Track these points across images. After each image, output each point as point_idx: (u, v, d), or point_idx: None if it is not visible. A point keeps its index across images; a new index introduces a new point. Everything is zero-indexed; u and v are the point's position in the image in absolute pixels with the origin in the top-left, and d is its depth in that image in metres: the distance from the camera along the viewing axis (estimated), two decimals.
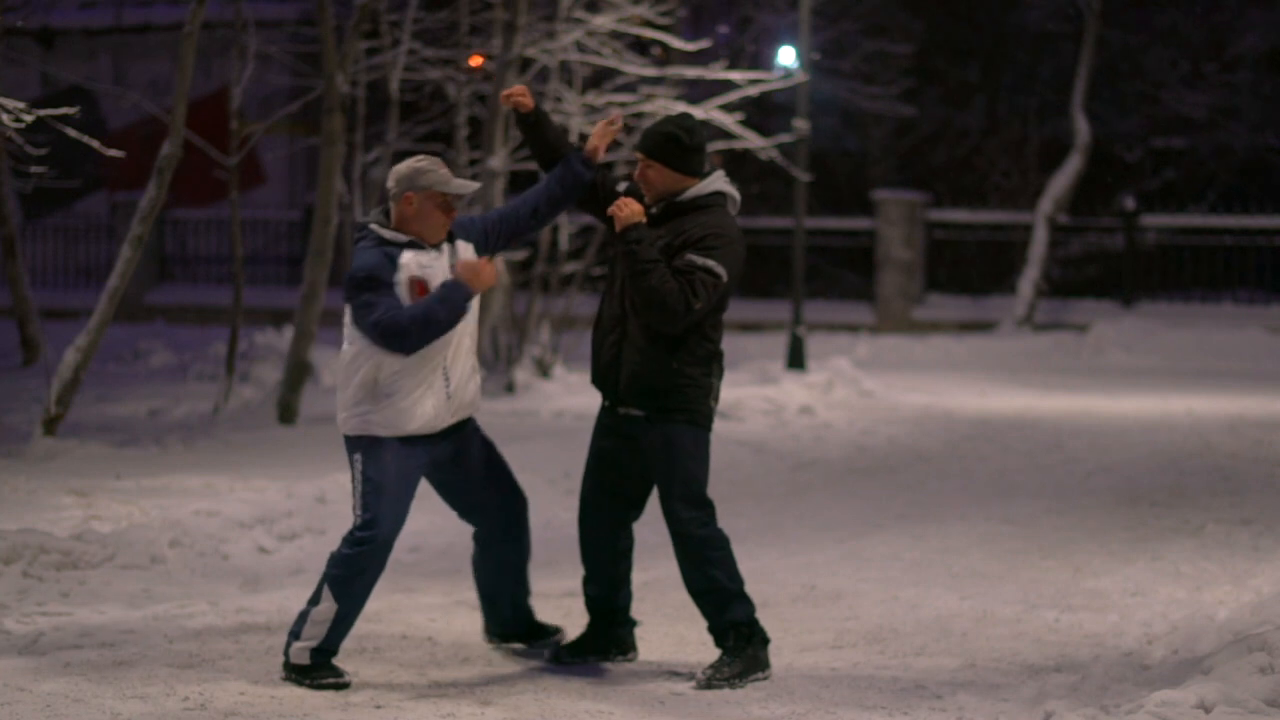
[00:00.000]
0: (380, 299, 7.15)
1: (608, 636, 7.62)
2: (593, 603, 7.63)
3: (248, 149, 15.54)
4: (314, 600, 7.22)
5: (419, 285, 7.24)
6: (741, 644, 7.35)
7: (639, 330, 7.30)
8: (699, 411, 7.32)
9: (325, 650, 7.19)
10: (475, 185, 7.53)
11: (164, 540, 9.20)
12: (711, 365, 7.36)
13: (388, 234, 7.31)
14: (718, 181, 7.41)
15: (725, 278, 7.20)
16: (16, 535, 8.73)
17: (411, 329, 7.12)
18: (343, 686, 7.09)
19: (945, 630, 8.36)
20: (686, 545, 7.37)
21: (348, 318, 7.33)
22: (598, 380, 7.46)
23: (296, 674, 7.19)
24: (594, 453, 7.56)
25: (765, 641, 7.42)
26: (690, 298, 7.13)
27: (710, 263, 7.18)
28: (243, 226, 17.06)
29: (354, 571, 7.22)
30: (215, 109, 21.08)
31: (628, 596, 7.66)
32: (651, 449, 7.35)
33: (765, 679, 7.33)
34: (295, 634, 7.22)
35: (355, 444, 7.29)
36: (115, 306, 12.11)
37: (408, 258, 7.25)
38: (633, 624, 7.69)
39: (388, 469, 7.23)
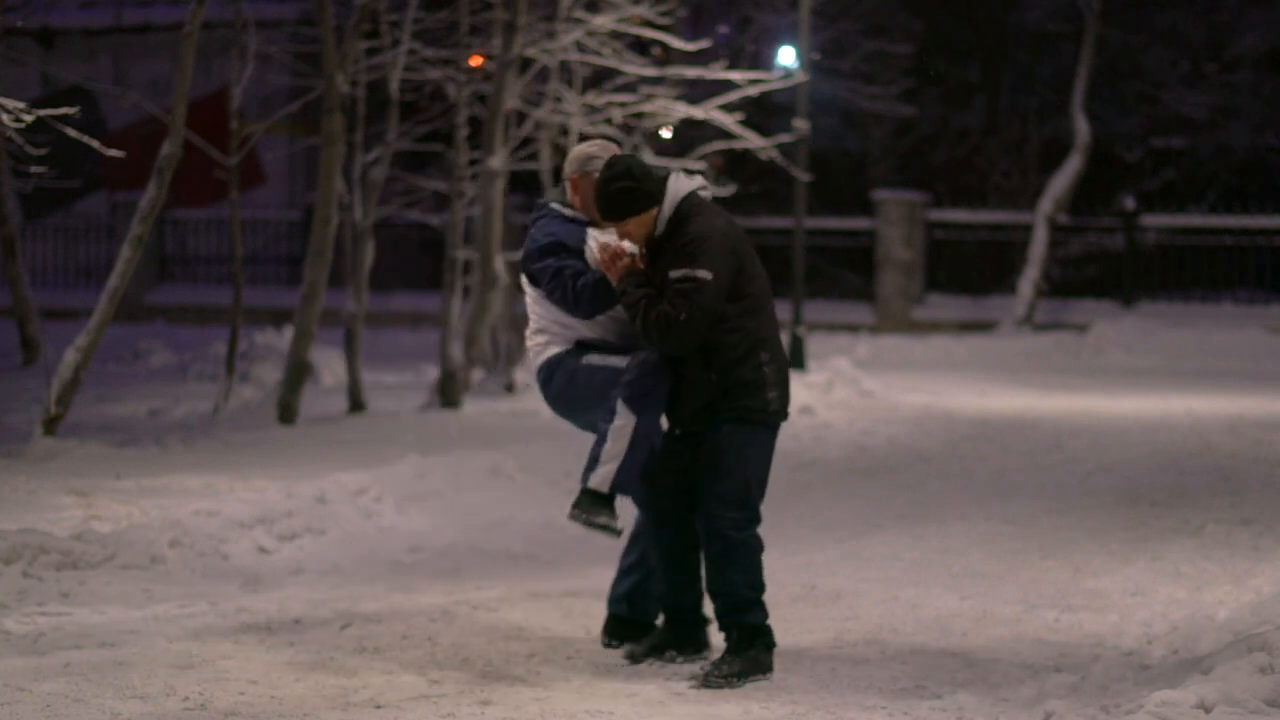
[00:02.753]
0: (566, 261, 7.41)
1: (683, 635, 7.63)
2: (672, 609, 7.65)
3: (248, 149, 15.53)
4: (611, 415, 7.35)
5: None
6: (744, 644, 7.35)
7: (681, 356, 7.36)
8: (751, 408, 7.34)
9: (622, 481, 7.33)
10: None
11: (164, 540, 9.18)
12: (756, 353, 7.32)
13: (569, 212, 7.58)
14: (676, 189, 7.39)
15: (710, 276, 7.20)
16: (16, 535, 8.72)
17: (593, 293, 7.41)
18: (614, 533, 7.33)
19: (945, 630, 8.35)
20: (714, 544, 7.37)
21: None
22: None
23: (589, 501, 7.33)
24: (665, 468, 7.52)
25: (770, 646, 7.41)
26: (673, 313, 7.19)
27: (683, 270, 7.23)
28: (243, 226, 17.05)
29: (652, 385, 7.35)
30: (215, 109, 21.05)
31: (700, 594, 7.63)
32: (706, 451, 7.40)
33: (766, 681, 7.33)
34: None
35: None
36: (115, 306, 12.10)
37: (593, 231, 7.49)
38: (705, 621, 7.68)
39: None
